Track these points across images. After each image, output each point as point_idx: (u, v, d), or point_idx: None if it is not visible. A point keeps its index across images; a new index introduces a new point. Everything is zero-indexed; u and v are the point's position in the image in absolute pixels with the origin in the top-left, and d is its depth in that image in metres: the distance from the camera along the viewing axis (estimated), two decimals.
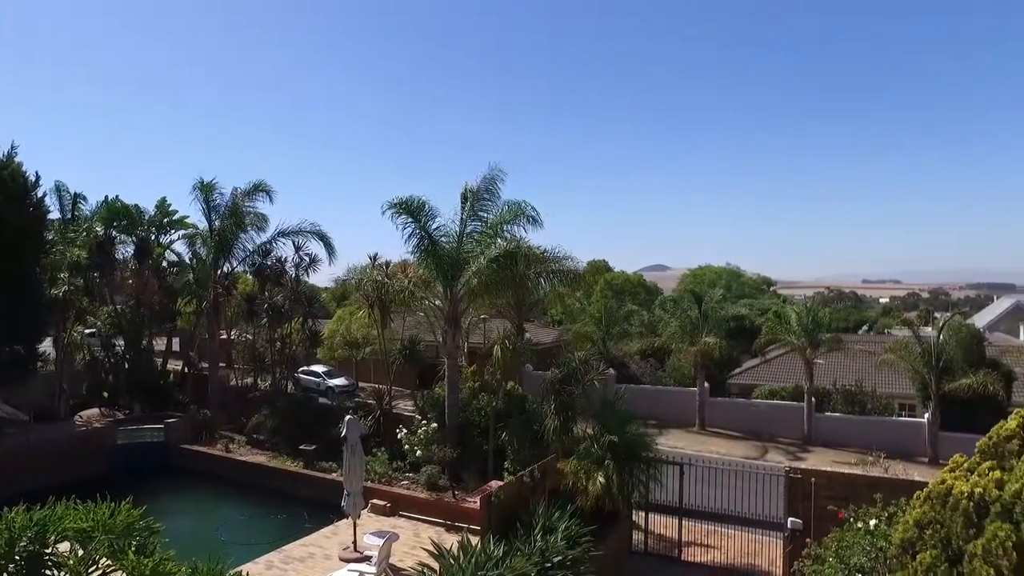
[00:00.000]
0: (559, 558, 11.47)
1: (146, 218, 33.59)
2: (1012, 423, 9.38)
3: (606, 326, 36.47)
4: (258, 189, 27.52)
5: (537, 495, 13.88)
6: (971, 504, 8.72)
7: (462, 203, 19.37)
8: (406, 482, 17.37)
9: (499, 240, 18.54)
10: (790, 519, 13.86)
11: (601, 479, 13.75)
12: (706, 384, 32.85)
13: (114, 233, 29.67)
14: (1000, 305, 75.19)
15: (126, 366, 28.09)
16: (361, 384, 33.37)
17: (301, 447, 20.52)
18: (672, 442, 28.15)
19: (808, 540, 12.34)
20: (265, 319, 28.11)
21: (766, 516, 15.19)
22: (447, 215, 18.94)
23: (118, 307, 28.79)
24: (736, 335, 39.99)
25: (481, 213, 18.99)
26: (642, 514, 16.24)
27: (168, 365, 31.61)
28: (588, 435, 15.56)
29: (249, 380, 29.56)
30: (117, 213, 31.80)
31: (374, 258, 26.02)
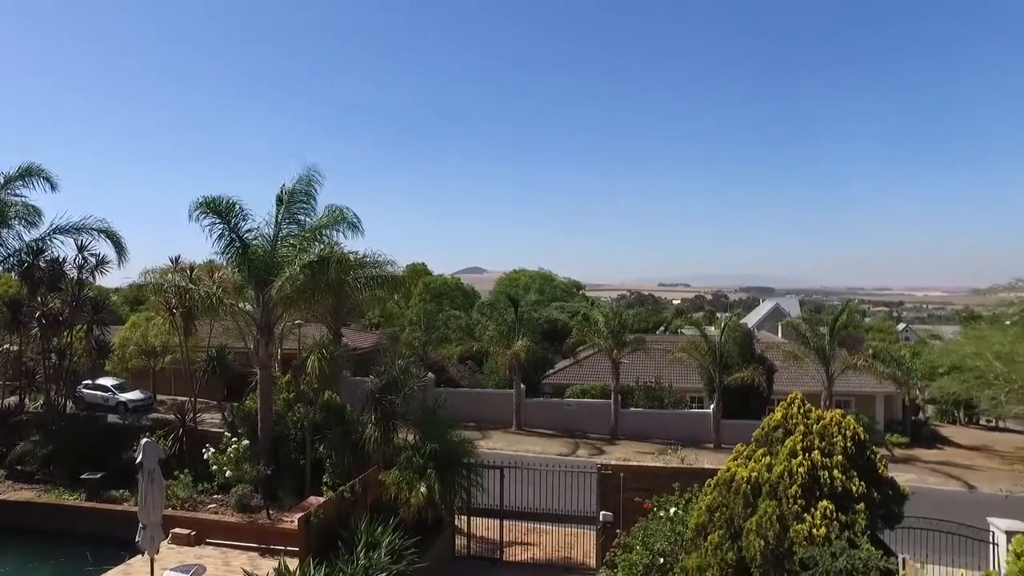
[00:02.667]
0: (383, 574, 11.28)
1: None
2: (778, 414, 10.92)
3: (426, 330, 36.62)
4: (30, 174, 23.55)
5: (359, 510, 13.53)
6: (748, 487, 10.04)
7: (277, 205, 18.38)
8: (214, 505, 16.02)
9: (317, 245, 17.85)
10: (602, 512, 14.89)
11: (424, 489, 13.74)
12: (522, 385, 34.20)
13: None
14: (764, 307, 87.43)
15: None
16: (160, 397, 30.16)
17: (84, 476, 18.04)
18: (491, 444, 28.93)
19: (618, 530, 13.37)
20: (36, 328, 24.28)
21: (581, 511, 16.13)
22: (264, 217, 17.86)
23: None
24: (550, 337, 42.06)
25: (299, 216, 18.14)
26: (464, 519, 16.50)
27: None
28: (410, 444, 15.50)
29: (13, 400, 25.35)
30: None
31: (176, 260, 23.69)
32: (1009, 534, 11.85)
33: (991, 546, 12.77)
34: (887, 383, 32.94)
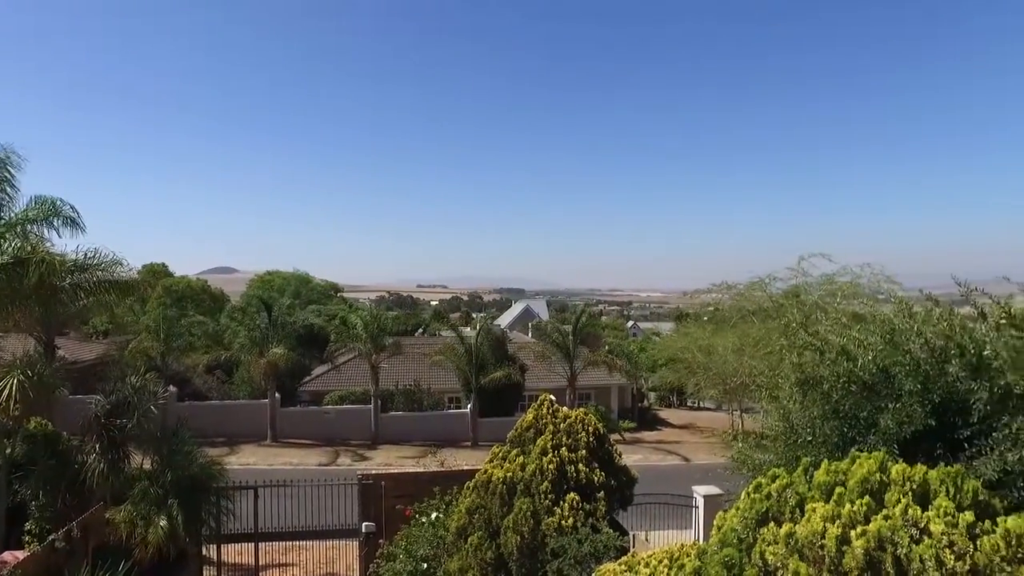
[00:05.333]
0: None
1: None
2: (529, 415, 11.77)
3: (165, 339, 32.91)
4: None
5: (77, 559, 11.61)
6: (504, 487, 10.68)
7: None
8: None
9: (15, 242, 14.94)
10: (364, 523, 14.69)
11: (164, 522, 12.27)
12: (277, 394, 32.42)
13: None
14: (516, 308, 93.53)
15: None
16: None
17: None
18: (244, 459, 26.97)
19: (381, 540, 13.31)
20: None
21: (343, 523, 15.75)
22: None
23: None
24: (307, 342, 40.41)
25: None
26: (214, 548, 15.12)
27: None
28: (146, 473, 13.75)
29: None
30: None
31: None
32: (706, 498, 14.54)
33: (694, 509, 15.31)
34: (620, 376, 37.40)
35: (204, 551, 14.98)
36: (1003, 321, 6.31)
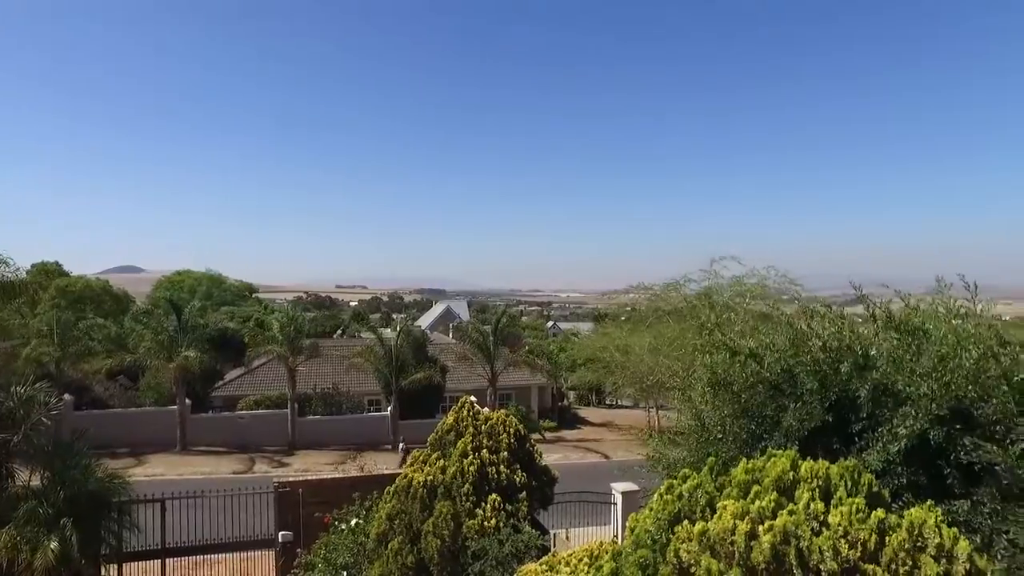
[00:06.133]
0: None
1: None
2: (450, 418, 11.72)
3: (60, 344, 30.75)
4: None
5: None
6: (425, 491, 10.59)
7: None
8: None
9: None
10: (281, 532, 14.21)
11: (55, 545, 11.37)
12: (188, 400, 30.93)
13: None
14: (437, 309, 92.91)
15: None
16: None
17: None
18: (152, 470, 25.59)
19: (299, 549, 12.91)
20: None
21: (259, 534, 15.16)
22: None
23: None
24: (220, 346, 38.74)
25: None
26: (114, 568, 14.21)
27: None
28: (33, 491, 12.72)
29: None
30: None
31: None
32: (624, 494, 14.95)
33: (613, 506, 15.68)
34: (541, 376, 37.83)
35: (103, 572, 14.05)
36: (888, 323, 6.81)
